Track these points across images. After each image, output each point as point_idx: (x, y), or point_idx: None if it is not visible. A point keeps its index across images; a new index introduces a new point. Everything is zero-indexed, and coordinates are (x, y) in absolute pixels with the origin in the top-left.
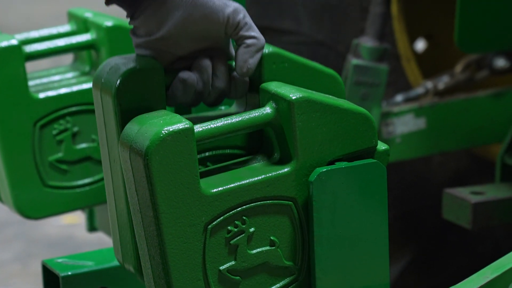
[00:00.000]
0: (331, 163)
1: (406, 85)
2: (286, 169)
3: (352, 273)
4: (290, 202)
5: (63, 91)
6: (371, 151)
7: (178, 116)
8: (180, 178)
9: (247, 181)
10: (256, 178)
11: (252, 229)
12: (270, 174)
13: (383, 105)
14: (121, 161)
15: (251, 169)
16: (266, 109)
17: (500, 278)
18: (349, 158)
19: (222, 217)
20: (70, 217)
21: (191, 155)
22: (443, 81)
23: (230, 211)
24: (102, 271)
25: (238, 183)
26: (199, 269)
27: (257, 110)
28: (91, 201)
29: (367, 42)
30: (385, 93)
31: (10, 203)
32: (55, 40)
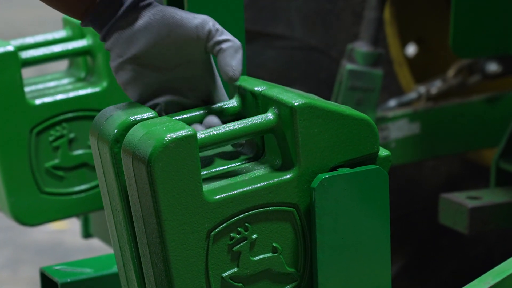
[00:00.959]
0: (333, 169)
1: (399, 90)
2: (288, 176)
3: (354, 279)
4: (292, 209)
5: (59, 97)
6: (373, 157)
7: (180, 122)
8: (183, 185)
9: (250, 187)
10: (258, 185)
11: (254, 236)
12: (273, 181)
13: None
14: (124, 168)
15: (253, 175)
16: (268, 115)
17: (501, 284)
18: (351, 164)
19: (224, 224)
20: (58, 222)
21: (194, 162)
22: (435, 86)
23: (233, 218)
24: (100, 278)
25: (241, 189)
26: (202, 276)
27: (259, 116)
28: (87, 207)
29: (361, 47)
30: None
31: (7, 209)
32: (51, 46)
